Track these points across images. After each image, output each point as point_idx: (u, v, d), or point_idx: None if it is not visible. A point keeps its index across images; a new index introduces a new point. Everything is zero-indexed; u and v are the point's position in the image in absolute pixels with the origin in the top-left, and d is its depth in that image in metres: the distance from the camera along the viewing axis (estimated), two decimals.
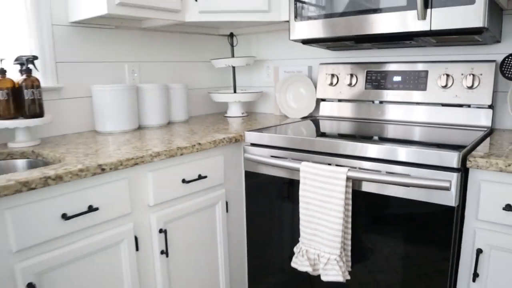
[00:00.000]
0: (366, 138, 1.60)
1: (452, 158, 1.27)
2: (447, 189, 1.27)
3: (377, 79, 2.04)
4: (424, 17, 1.57)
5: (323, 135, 1.71)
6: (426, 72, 1.91)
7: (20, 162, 1.56)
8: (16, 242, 1.14)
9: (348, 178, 1.41)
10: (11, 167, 1.55)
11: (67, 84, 1.92)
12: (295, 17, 1.90)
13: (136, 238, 1.46)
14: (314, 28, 1.85)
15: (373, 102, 2.07)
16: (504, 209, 1.25)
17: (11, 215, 1.12)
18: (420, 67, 1.93)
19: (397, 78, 1.98)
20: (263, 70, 2.60)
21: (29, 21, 1.80)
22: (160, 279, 1.55)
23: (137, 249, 1.47)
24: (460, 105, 1.85)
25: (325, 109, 2.23)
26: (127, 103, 1.95)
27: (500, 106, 1.85)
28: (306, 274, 1.67)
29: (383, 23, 1.66)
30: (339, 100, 2.18)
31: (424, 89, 1.91)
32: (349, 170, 1.41)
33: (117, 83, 2.13)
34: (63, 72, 1.90)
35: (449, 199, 1.29)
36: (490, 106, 1.79)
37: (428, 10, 1.55)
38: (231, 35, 2.51)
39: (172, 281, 1.62)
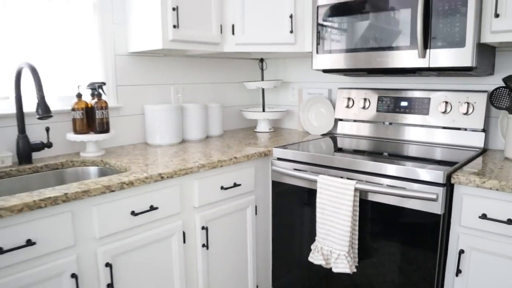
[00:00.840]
0: (375, 154, 1.92)
1: (439, 176, 1.59)
2: (435, 200, 1.59)
3: (387, 104, 2.36)
4: (424, 56, 1.89)
5: (340, 150, 2.04)
6: (429, 99, 2.22)
7: (92, 169, 1.95)
8: (99, 231, 1.51)
9: (356, 189, 1.74)
10: (86, 173, 1.94)
11: (124, 104, 2.32)
12: (317, 50, 2.24)
13: (184, 233, 1.82)
14: (333, 61, 2.19)
15: (383, 123, 2.39)
16: (480, 217, 1.56)
17: (96, 210, 1.50)
18: (423, 94, 2.25)
19: (404, 103, 2.30)
20: (289, 91, 2.95)
21: (97, 53, 2.20)
22: (201, 266, 1.91)
23: (184, 241, 1.83)
24: (457, 128, 2.15)
25: (342, 128, 2.56)
26: (173, 120, 2.33)
27: (493, 129, 2.14)
28: (321, 268, 2.00)
29: (390, 59, 1.98)
30: (354, 121, 2.51)
31: (427, 113, 2.22)
32: (356, 182, 1.74)
33: (165, 102, 2.51)
34: (122, 93, 2.30)
35: (436, 208, 1.61)
36: (483, 130, 2.09)
37: (427, 50, 1.88)
38: (261, 60, 2.87)
39: (210, 269, 1.97)
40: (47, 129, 1.95)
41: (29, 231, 1.34)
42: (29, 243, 1.34)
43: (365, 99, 2.43)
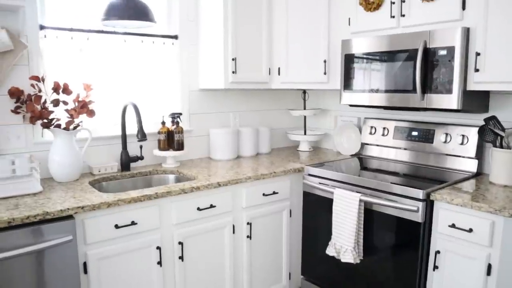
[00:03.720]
0: (390, 173, 2.50)
1: (419, 193, 2.16)
2: (416, 211, 2.16)
3: (401, 132, 2.91)
4: (422, 99, 2.45)
5: (364, 169, 2.64)
6: (434, 130, 2.75)
7: (171, 176, 2.70)
8: (176, 219, 2.24)
9: (360, 200, 2.34)
10: (166, 179, 2.70)
11: (195, 127, 3.06)
12: (344, 89, 2.85)
13: (233, 226, 2.50)
14: (356, 98, 2.78)
15: (399, 148, 2.94)
16: (449, 226, 2.11)
17: (174, 205, 2.23)
18: (429, 126, 2.78)
19: (414, 133, 2.84)
20: (326, 117, 3.57)
21: (177, 90, 2.96)
22: (245, 252, 2.58)
23: (233, 232, 2.51)
24: (456, 156, 2.66)
25: (367, 150, 3.14)
26: (231, 140, 3.03)
27: (487, 156, 2.63)
28: (336, 260, 2.59)
29: (399, 99, 2.55)
30: (376, 145, 3.08)
31: (432, 142, 2.75)
32: (361, 195, 2.34)
33: (225, 126, 3.23)
34: (193, 119, 3.05)
35: (417, 217, 2.18)
36: (476, 158, 2.59)
37: (425, 95, 2.43)
38: (304, 92, 3.51)
39: (252, 255, 2.63)
40: (141, 147, 2.73)
41: (133, 215, 2.09)
42: (133, 223, 2.08)
43: (384, 128, 3.00)
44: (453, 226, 2.10)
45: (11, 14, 2.34)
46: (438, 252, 2.17)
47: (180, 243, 2.27)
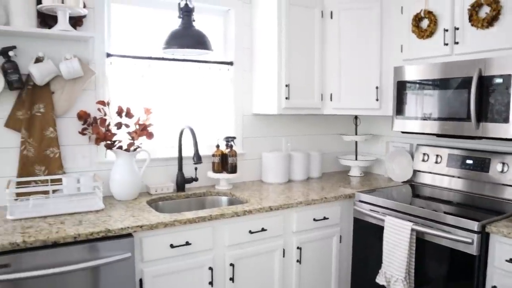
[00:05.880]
0: (439, 201, 2.47)
1: (473, 225, 2.11)
2: (471, 243, 2.11)
3: (455, 160, 2.86)
4: (477, 128, 2.41)
5: (417, 196, 2.62)
6: (489, 159, 2.68)
7: (223, 199, 2.79)
8: (228, 241, 2.31)
9: (412, 230, 2.32)
10: (219, 201, 2.79)
11: (247, 151, 3.15)
12: (396, 115, 2.84)
13: (283, 250, 2.54)
14: (409, 125, 2.77)
15: (452, 176, 2.88)
16: (507, 261, 2.04)
17: (227, 228, 2.30)
18: (485, 155, 2.71)
19: (469, 161, 2.78)
20: (378, 143, 3.56)
21: (231, 114, 3.07)
22: (294, 276, 2.60)
23: (283, 256, 2.54)
24: None
25: (419, 178, 3.09)
26: (282, 164, 3.08)
27: None
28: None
29: (453, 127, 2.52)
30: (429, 172, 3.03)
31: (487, 171, 2.68)
32: (413, 224, 2.32)
33: (276, 150, 3.30)
34: (246, 143, 3.13)
35: (472, 250, 2.13)
36: None
37: (480, 124, 2.39)
38: (356, 117, 3.52)
39: (301, 280, 2.65)
40: (196, 169, 2.84)
41: (188, 236, 2.18)
42: (187, 243, 2.17)
43: (437, 155, 2.96)
44: (511, 261, 2.03)
45: (82, 44, 2.54)
46: (494, 287, 2.11)
47: (232, 264, 2.33)
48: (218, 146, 2.88)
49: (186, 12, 2.59)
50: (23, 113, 2.38)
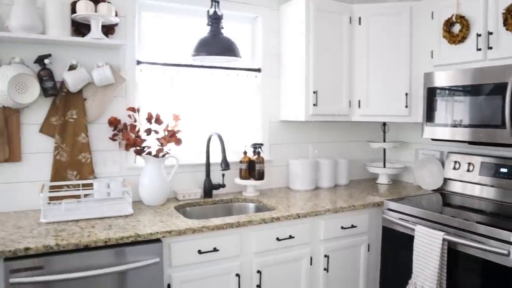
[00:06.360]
0: (471, 210, 2.41)
1: (508, 236, 2.05)
2: (507, 255, 2.04)
3: (488, 169, 2.78)
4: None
5: (448, 205, 2.56)
6: None
7: (251, 205, 2.79)
8: (255, 248, 2.30)
9: (444, 240, 2.26)
10: (246, 208, 2.79)
11: (275, 158, 3.14)
12: (426, 122, 2.79)
13: (311, 258, 2.51)
14: (439, 132, 2.72)
15: (485, 185, 2.81)
16: None
17: (255, 235, 2.29)
18: None
19: (503, 170, 2.71)
20: (407, 150, 3.50)
21: (258, 120, 3.07)
22: (321, 285, 2.57)
23: (311, 264, 2.52)
24: None
25: (450, 186, 3.02)
26: (309, 171, 3.07)
27: None
28: None
29: (486, 135, 2.45)
30: (460, 181, 2.95)
31: None
32: (445, 234, 2.26)
33: (304, 157, 3.28)
34: (273, 150, 3.13)
35: (509, 262, 2.06)
36: None
37: None
38: (384, 124, 3.48)
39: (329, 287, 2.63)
40: (223, 175, 2.85)
41: (215, 242, 2.18)
42: (215, 249, 2.17)
43: (469, 163, 2.89)
44: None
45: (114, 51, 2.59)
46: None
47: (259, 271, 2.32)
48: (245, 153, 2.88)
49: (215, 20, 2.61)
50: (57, 119, 2.44)
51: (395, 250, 2.67)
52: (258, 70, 3.09)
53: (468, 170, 2.90)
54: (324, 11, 2.90)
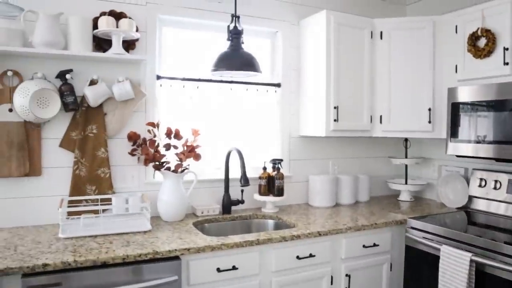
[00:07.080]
0: (499, 230, 2.32)
1: None
2: None
3: None
4: None
5: (473, 224, 2.48)
6: None
7: (270, 222, 2.74)
8: (275, 266, 2.25)
9: (471, 261, 2.18)
10: (265, 224, 2.74)
11: (294, 173, 3.10)
12: (450, 139, 2.72)
13: (331, 277, 2.45)
14: (464, 148, 2.64)
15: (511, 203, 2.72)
16: None
17: (274, 252, 2.24)
18: None
19: None
20: (430, 166, 3.42)
21: (278, 136, 3.04)
22: None
23: (331, 283, 2.45)
24: None
25: (475, 204, 2.93)
26: (330, 188, 3.01)
27: None
28: None
29: (511, 151, 2.38)
30: (486, 199, 2.86)
31: None
32: (472, 255, 2.18)
33: (324, 173, 3.23)
34: (293, 166, 3.09)
35: None
36: None
37: None
38: (406, 140, 3.41)
39: None
40: (242, 191, 2.81)
41: (234, 260, 2.14)
42: (234, 267, 2.13)
43: (496, 181, 2.79)
44: None
45: (134, 66, 2.59)
46: None
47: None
48: (265, 169, 2.85)
49: (235, 35, 2.60)
50: (77, 133, 2.44)
51: (419, 270, 2.58)
52: (278, 85, 3.06)
53: (495, 188, 2.80)
54: (345, 26, 2.87)
